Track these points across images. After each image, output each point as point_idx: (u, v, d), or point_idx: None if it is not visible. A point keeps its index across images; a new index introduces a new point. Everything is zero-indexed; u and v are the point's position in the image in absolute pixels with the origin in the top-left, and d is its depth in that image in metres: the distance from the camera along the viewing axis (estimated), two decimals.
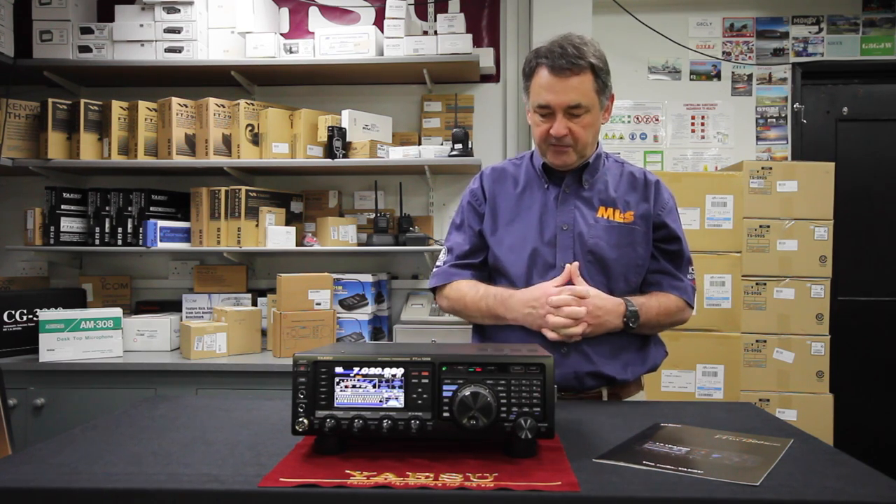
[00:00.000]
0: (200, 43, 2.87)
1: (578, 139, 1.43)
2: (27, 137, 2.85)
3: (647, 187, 1.53)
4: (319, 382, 0.97)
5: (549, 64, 1.40)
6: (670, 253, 1.53)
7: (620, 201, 1.50)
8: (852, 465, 0.95)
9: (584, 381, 1.44)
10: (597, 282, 1.44)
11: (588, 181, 1.51)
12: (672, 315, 1.50)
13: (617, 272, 1.47)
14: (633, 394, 1.53)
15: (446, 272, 1.58)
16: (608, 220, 1.48)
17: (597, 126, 1.48)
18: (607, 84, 1.46)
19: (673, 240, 1.53)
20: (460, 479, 0.86)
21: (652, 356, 1.53)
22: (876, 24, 3.17)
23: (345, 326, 2.76)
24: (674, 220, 1.54)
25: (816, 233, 2.69)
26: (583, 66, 1.39)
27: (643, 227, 1.50)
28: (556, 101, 1.40)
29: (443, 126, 3.07)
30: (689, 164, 3.21)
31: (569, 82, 1.39)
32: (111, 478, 0.88)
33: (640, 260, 1.50)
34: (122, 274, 3.11)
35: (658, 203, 1.52)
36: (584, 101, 1.41)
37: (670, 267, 1.52)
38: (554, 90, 1.40)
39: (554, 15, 2.89)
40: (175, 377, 2.43)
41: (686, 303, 1.53)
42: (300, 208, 3.05)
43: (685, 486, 0.84)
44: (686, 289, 1.53)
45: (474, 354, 0.99)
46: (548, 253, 1.47)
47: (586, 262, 1.45)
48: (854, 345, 3.15)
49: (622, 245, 1.47)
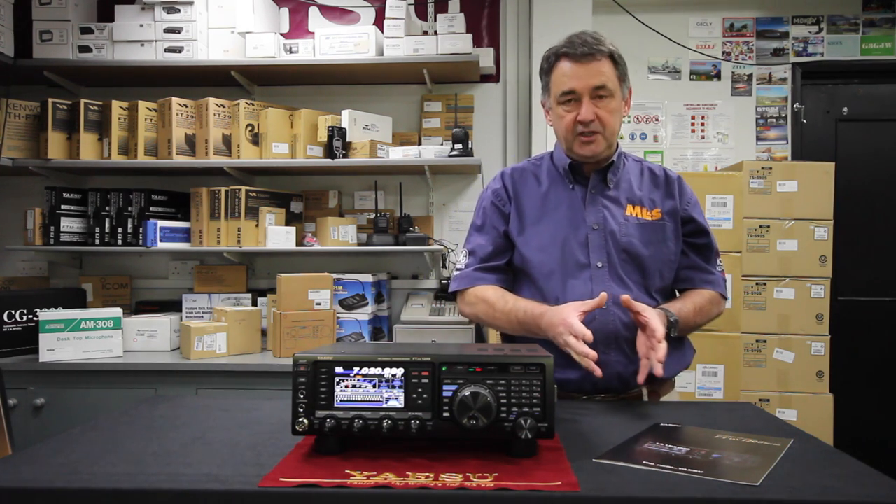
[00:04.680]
0: (200, 43, 2.87)
1: (606, 124, 1.44)
2: (27, 137, 2.85)
3: (669, 184, 1.54)
4: (319, 382, 0.97)
5: (571, 52, 1.42)
6: (699, 247, 1.54)
7: (646, 199, 1.51)
8: (852, 465, 0.95)
9: (627, 381, 1.43)
10: (633, 280, 1.45)
11: (612, 180, 1.51)
12: (708, 312, 1.51)
13: (652, 269, 1.47)
14: (669, 391, 1.54)
15: (470, 276, 1.53)
16: (637, 217, 1.49)
17: (620, 114, 1.48)
18: (626, 75, 1.47)
19: (701, 233, 1.54)
20: (460, 479, 0.86)
21: (687, 354, 1.54)
22: (876, 24, 3.17)
23: (345, 326, 2.76)
24: (699, 214, 1.55)
25: (816, 233, 2.69)
26: (603, 51, 1.42)
27: (672, 223, 1.51)
28: (581, 84, 1.41)
29: (443, 126, 3.07)
30: (689, 164, 3.21)
31: (592, 66, 1.41)
32: (111, 478, 0.88)
33: (672, 255, 1.51)
34: (122, 274, 3.11)
35: (684, 198, 1.54)
36: (609, 84, 1.42)
37: (700, 261, 1.54)
38: (578, 75, 1.42)
39: (554, 15, 2.89)
40: (175, 377, 2.43)
41: (720, 295, 1.54)
42: (300, 208, 3.05)
43: (685, 486, 0.84)
44: (718, 281, 1.54)
45: (474, 354, 0.99)
46: (580, 252, 1.46)
47: (621, 261, 1.45)
48: (854, 345, 3.15)
49: (654, 242, 1.48)
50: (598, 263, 1.45)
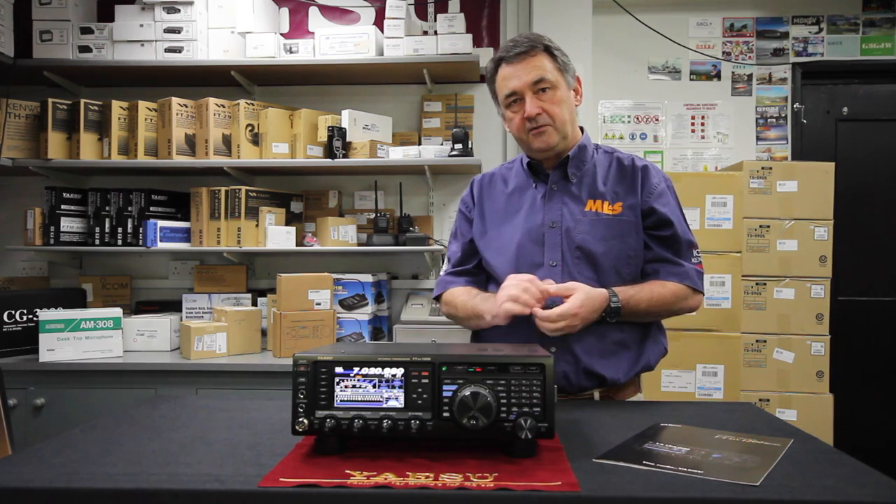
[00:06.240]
0: (200, 43, 2.87)
1: (554, 116, 1.44)
2: (27, 137, 2.85)
3: (634, 174, 1.48)
4: (319, 382, 0.97)
5: (505, 55, 1.47)
6: (664, 238, 1.46)
7: (609, 193, 1.47)
8: (852, 464, 0.95)
9: (573, 381, 1.41)
10: (586, 277, 1.42)
11: (574, 175, 1.50)
12: (668, 304, 1.43)
13: (606, 266, 1.43)
14: (629, 396, 1.50)
15: (443, 281, 1.61)
16: (596, 212, 1.46)
17: (570, 105, 1.48)
18: (567, 64, 1.48)
19: (664, 225, 1.46)
20: (460, 479, 0.86)
21: (647, 355, 1.48)
22: (876, 24, 3.17)
23: (345, 326, 2.76)
24: (664, 204, 1.47)
25: (816, 233, 2.69)
26: (536, 47, 1.44)
27: (632, 216, 1.45)
28: (520, 83, 1.44)
29: (443, 126, 3.07)
30: (689, 164, 3.21)
31: (528, 63, 1.44)
32: (111, 478, 0.88)
33: (632, 251, 1.45)
34: (122, 274, 3.11)
35: (645, 189, 1.47)
36: (548, 76, 1.43)
37: (667, 253, 1.46)
38: (516, 75, 1.45)
39: (554, 15, 2.89)
40: (175, 377, 2.43)
41: (690, 288, 1.45)
42: (300, 208, 3.05)
43: (685, 486, 0.84)
44: (688, 273, 1.45)
45: (474, 354, 0.99)
46: (535, 251, 1.46)
47: (574, 259, 1.43)
48: (854, 345, 3.15)
49: (609, 238, 1.44)
50: (551, 262, 1.44)
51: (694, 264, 1.48)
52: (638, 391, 1.53)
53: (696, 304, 1.49)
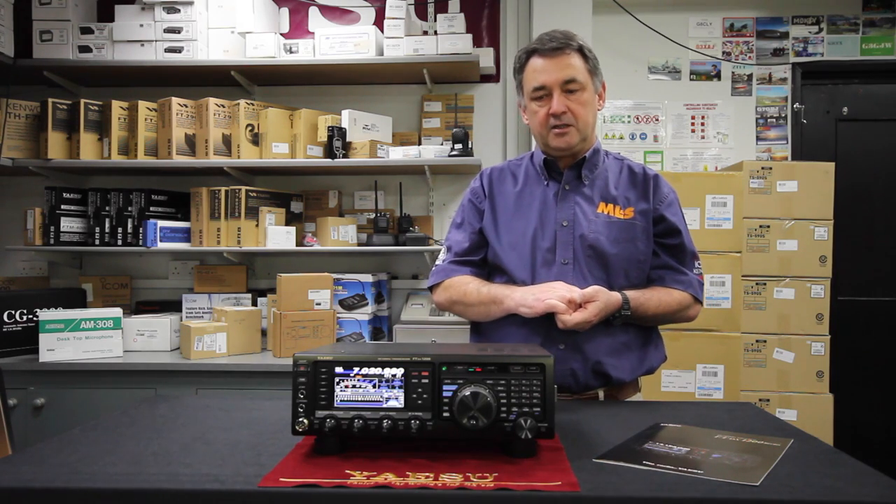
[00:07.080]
0: (200, 43, 2.87)
1: (578, 116, 1.45)
2: (27, 137, 2.85)
3: (646, 182, 1.53)
4: (319, 382, 0.97)
5: (540, 48, 1.46)
6: (671, 247, 1.51)
7: (621, 198, 1.51)
8: (852, 464, 0.95)
9: (580, 379, 1.43)
10: (597, 277, 1.45)
11: (588, 177, 1.52)
12: (672, 311, 1.48)
13: (617, 267, 1.46)
14: (629, 396, 1.52)
15: (445, 269, 1.57)
16: (608, 215, 1.48)
17: (594, 108, 1.50)
18: (597, 69, 1.50)
19: (673, 233, 1.51)
20: (460, 479, 0.86)
21: (650, 358, 1.52)
22: (876, 24, 3.17)
23: (345, 326, 2.76)
24: (673, 214, 1.52)
25: (816, 233, 2.69)
26: (572, 45, 1.45)
27: (643, 222, 1.49)
28: (551, 78, 1.44)
29: (443, 126, 3.07)
30: (689, 164, 3.21)
31: (561, 60, 1.44)
32: (111, 478, 0.88)
33: (641, 255, 1.49)
34: (122, 274, 3.11)
35: (657, 197, 1.52)
36: (579, 77, 1.45)
37: (672, 262, 1.51)
38: (547, 70, 1.45)
39: (554, 15, 2.89)
40: (175, 377, 2.43)
41: (693, 297, 1.50)
42: (300, 208, 3.05)
43: (685, 486, 0.84)
44: (691, 283, 1.50)
45: (474, 354, 0.99)
46: (547, 249, 1.47)
47: (586, 258, 1.45)
48: (854, 345, 3.15)
49: (622, 240, 1.47)
50: (563, 260, 1.46)
51: (696, 274, 1.53)
52: (637, 391, 1.55)
53: (695, 313, 1.55)
